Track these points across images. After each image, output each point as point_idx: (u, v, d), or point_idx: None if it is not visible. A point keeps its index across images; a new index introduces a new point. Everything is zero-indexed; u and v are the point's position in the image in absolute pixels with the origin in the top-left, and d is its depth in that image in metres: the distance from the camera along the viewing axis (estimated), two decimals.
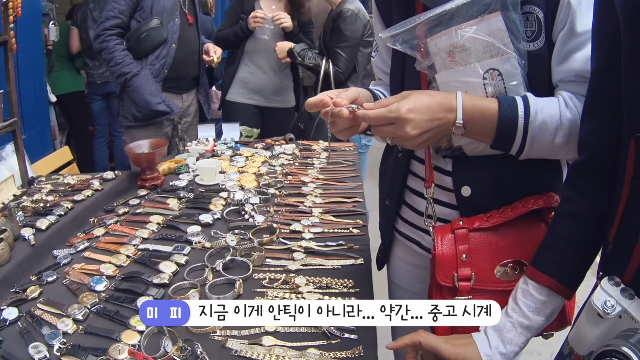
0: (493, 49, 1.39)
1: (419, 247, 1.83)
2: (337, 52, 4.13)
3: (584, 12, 1.34)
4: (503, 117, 1.37)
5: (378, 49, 1.90)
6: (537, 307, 1.32)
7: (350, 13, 4.02)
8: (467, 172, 1.60)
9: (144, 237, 2.29)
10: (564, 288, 1.32)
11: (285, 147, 3.54)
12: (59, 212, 2.40)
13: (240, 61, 4.46)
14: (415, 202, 1.80)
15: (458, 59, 1.44)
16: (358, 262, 2.07)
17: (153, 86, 3.82)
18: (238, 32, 4.33)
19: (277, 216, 2.50)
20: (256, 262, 2.04)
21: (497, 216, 1.52)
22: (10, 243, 2.08)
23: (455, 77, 1.46)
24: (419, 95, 1.38)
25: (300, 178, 2.98)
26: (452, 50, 1.43)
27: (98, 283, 1.92)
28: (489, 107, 1.38)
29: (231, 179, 2.95)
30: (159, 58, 3.85)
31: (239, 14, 4.40)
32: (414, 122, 1.34)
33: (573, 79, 1.39)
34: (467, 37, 1.40)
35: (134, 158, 2.84)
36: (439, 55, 1.46)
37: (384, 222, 1.98)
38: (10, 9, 2.90)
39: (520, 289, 1.37)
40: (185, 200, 2.68)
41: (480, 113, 1.38)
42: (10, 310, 1.77)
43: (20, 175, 2.92)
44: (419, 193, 1.77)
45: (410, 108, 1.33)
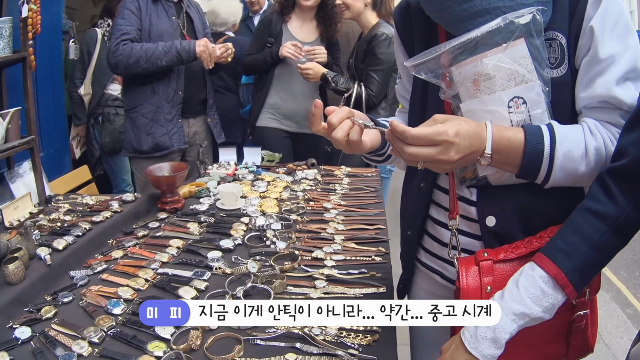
0: (517, 76, 1.40)
1: (442, 277, 1.79)
2: (370, 75, 4.09)
3: (606, 37, 1.35)
4: (529, 146, 1.37)
5: (400, 78, 1.89)
6: (537, 295, 1.33)
7: (384, 37, 3.99)
8: (492, 202, 1.58)
9: (164, 261, 2.25)
10: (568, 284, 1.31)
11: (307, 172, 3.51)
12: (77, 232, 2.38)
13: (270, 86, 4.40)
14: (438, 232, 1.77)
15: (483, 87, 1.44)
16: (380, 290, 2.03)
17: (161, 115, 3.82)
18: (267, 59, 4.27)
19: (298, 243, 2.46)
20: (277, 289, 1.99)
21: (522, 247, 1.49)
22: (26, 262, 2.05)
23: (480, 106, 1.46)
24: (458, 120, 1.36)
25: (322, 204, 2.94)
26: (476, 79, 1.44)
27: (115, 306, 1.88)
28: (515, 137, 1.38)
29: (252, 204, 2.91)
30: (169, 83, 3.83)
31: (266, 37, 4.34)
32: (458, 146, 1.32)
33: (597, 105, 1.40)
34: (492, 65, 1.41)
35: (154, 181, 2.81)
36: (464, 84, 1.46)
37: (406, 253, 1.95)
38: (29, 25, 2.91)
39: (525, 273, 1.37)
40: (205, 225, 2.64)
41: (507, 143, 1.38)
42: (23, 329, 1.74)
43: (38, 193, 2.92)
44: (441, 223, 1.74)
45: (457, 132, 1.32)
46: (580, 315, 1.47)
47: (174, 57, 3.65)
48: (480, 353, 1.35)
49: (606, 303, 4.66)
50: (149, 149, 3.83)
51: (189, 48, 3.69)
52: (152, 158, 3.79)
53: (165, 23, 3.80)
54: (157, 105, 3.80)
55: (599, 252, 1.32)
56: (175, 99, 3.86)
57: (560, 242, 1.34)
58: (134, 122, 3.85)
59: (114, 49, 3.62)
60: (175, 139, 3.88)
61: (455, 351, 1.40)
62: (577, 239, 1.32)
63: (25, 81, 2.96)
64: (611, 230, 1.30)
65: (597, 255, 1.32)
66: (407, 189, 1.92)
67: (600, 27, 1.35)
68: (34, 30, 2.98)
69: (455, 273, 1.54)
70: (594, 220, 1.31)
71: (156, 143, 3.83)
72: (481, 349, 1.35)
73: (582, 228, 1.32)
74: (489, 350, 1.35)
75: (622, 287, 4.89)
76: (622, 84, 1.36)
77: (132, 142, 3.89)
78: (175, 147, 3.88)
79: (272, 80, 4.38)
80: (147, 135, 3.82)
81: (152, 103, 3.80)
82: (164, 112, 3.82)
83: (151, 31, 3.73)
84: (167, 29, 3.79)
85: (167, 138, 3.84)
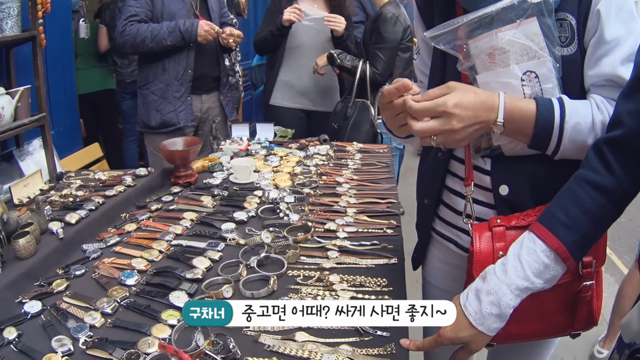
0: (530, 52, 1.47)
1: (456, 246, 1.81)
2: (375, 54, 4.09)
3: (612, 21, 1.41)
4: (541, 117, 1.43)
5: (419, 52, 1.93)
6: (539, 269, 1.35)
7: (390, 15, 3.99)
8: (505, 171, 1.61)
9: (177, 233, 2.25)
10: (569, 257, 1.34)
11: (320, 148, 3.50)
12: (90, 206, 2.37)
13: (282, 62, 4.38)
14: (453, 201, 1.79)
15: (498, 60, 1.51)
16: (392, 261, 2.03)
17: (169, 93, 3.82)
18: (274, 31, 4.24)
19: (311, 215, 2.45)
20: (291, 259, 2.00)
21: (534, 215, 1.51)
22: (37, 237, 2.04)
23: (495, 78, 1.52)
24: (465, 91, 1.42)
25: (335, 178, 2.93)
26: (492, 52, 1.51)
27: (129, 277, 1.88)
28: (527, 107, 1.44)
29: (266, 178, 2.91)
30: (179, 61, 3.81)
31: (277, 15, 4.29)
32: (459, 116, 1.39)
33: (604, 83, 1.45)
34: (507, 39, 1.48)
35: (168, 155, 2.81)
36: (480, 56, 1.53)
37: (421, 222, 1.96)
38: (39, 4, 2.90)
39: (526, 247, 1.39)
40: (219, 198, 2.64)
41: (520, 113, 1.44)
42: (33, 303, 1.73)
43: (48, 171, 2.92)
44: (457, 192, 1.77)
45: (457, 103, 1.38)
46: (586, 286, 1.48)
47: (178, 37, 3.65)
48: (487, 328, 1.38)
49: (610, 286, 4.69)
50: (157, 125, 3.85)
51: (192, 29, 3.67)
52: (161, 134, 3.81)
53: (178, 3, 3.79)
54: (167, 82, 3.81)
55: (598, 224, 1.34)
56: (184, 77, 3.85)
57: (560, 214, 1.36)
58: (145, 98, 3.87)
59: (120, 29, 3.63)
60: (182, 116, 3.87)
61: (458, 325, 1.41)
62: (577, 212, 1.34)
63: (36, 60, 2.96)
64: (610, 203, 1.33)
65: (596, 227, 1.35)
66: (424, 160, 1.93)
67: (607, 10, 1.41)
68: (44, 9, 2.97)
69: (469, 241, 1.57)
70: (593, 192, 1.33)
71: (164, 120, 3.84)
72: (487, 324, 1.38)
73: (582, 200, 1.34)
74: (495, 324, 1.38)
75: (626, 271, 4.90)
76: (626, 65, 1.40)
77: (143, 117, 3.92)
78: (181, 124, 3.88)
79: (283, 57, 4.36)
80: (155, 112, 3.83)
81: (162, 80, 3.81)
82: (173, 90, 3.82)
83: (163, 12, 3.73)
84: (179, 9, 3.78)
85: (174, 115, 3.84)
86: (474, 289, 1.42)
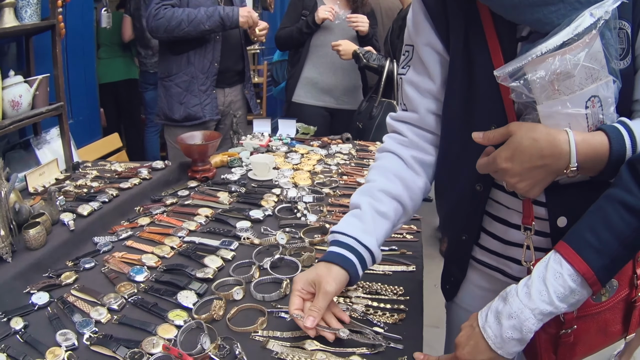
0: (594, 73, 1.28)
1: (503, 275, 1.67)
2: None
3: None
4: (614, 152, 1.27)
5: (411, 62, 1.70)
6: (565, 293, 1.25)
7: None
8: (563, 202, 1.48)
9: (191, 229, 2.21)
10: (596, 282, 1.23)
11: (342, 147, 3.44)
12: (103, 198, 2.35)
13: (306, 59, 4.32)
14: (498, 229, 1.64)
15: (562, 87, 1.31)
16: (410, 269, 1.97)
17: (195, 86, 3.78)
18: (302, 28, 4.18)
19: (330, 216, 2.39)
20: (306, 262, 1.93)
21: None
22: (48, 227, 2.02)
23: (560, 108, 1.33)
24: (522, 137, 1.30)
25: (356, 179, 2.87)
26: (555, 78, 1.30)
27: (138, 273, 1.84)
28: (600, 144, 1.28)
29: (285, 176, 2.86)
30: (205, 54, 3.78)
31: (300, 10, 4.26)
32: (512, 171, 1.31)
33: None
34: (572, 63, 1.28)
35: (186, 149, 2.77)
36: (541, 83, 1.33)
37: (459, 255, 1.80)
38: None
39: (552, 269, 1.28)
40: (236, 195, 2.60)
41: (593, 153, 1.28)
42: (41, 294, 1.71)
43: (65, 160, 2.90)
44: (502, 220, 1.62)
45: (508, 157, 1.31)
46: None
47: (217, 22, 3.60)
48: (506, 352, 1.31)
49: None
50: (180, 118, 3.80)
51: (233, 14, 3.63)
52: (184, 127, 3.76)
53: None
54: (192, 75, 3.76)
55: (628, 248, 1.25)
56: (210, 70, 3.81)
57: (590, 236, 1.26)
58: (168, 90, 3.81)
59: (154, 12, 3.56)
60: (208, 109, 3.84)
61: (477, 348, 1.35)
62: (608, 235, 1.24)
63: (55, 48, 2.94)
64: None
65: (626, 251, 1.25)
66: (451, 192, 1.74)
67: None
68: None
69: (519, 270, 1.54)
70: (626, 214, 1.23)
71: (188, 113, 3.79)
72: (507, 348, 1.30)
73: (614, 222, 1.24)
74: (515, 348, 1.31)
75: None
76: None
77: (165, 109, 3.86)
78: (207, 118, 3.83)
79: (307, 53, 4.30)
80: (179, 105, 3.78)
81: (187, 73, 3.76)
82: (199, 83, 3.78)
83: (190, 1, 3.69)
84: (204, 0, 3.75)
85: (200, 108, 3.80)
86: (494, 311, 1.34)
